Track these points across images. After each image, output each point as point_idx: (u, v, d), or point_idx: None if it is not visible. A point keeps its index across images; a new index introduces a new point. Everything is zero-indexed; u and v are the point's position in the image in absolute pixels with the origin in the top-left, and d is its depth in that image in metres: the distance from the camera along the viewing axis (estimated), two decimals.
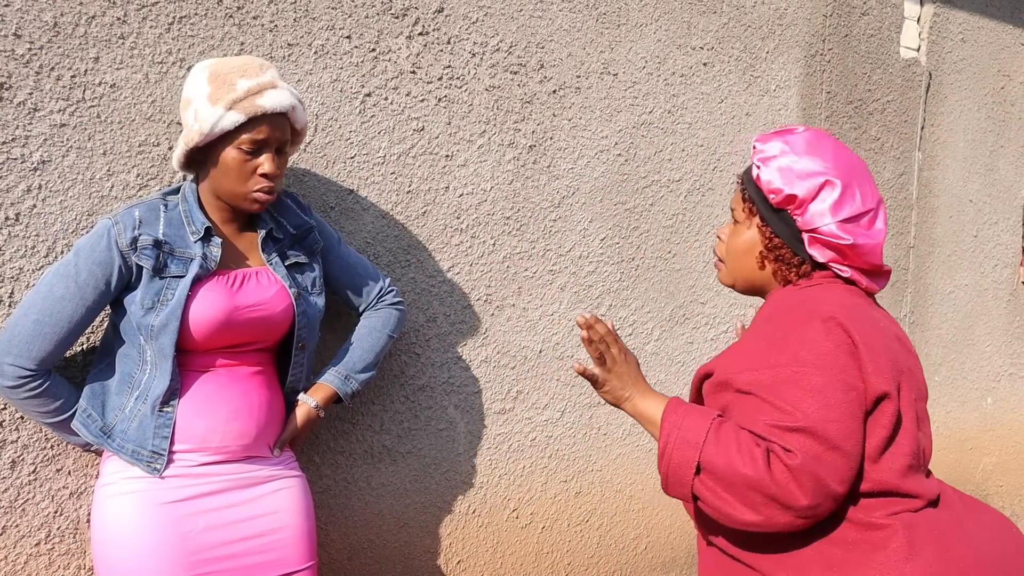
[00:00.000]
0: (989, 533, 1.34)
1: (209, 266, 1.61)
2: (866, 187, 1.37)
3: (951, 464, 3.42)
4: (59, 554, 1.78)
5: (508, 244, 2.31)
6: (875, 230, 1.36)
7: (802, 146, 1.37)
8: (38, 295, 1.55)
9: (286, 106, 1.59)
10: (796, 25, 2.78)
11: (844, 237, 1.34)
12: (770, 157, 1.38)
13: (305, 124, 1.68)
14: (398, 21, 2.09)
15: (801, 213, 1.36)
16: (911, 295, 3.19)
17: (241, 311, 1.62)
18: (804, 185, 1.35)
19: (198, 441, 1.60)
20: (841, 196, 1.33)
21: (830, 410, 1.23)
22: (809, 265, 1.41)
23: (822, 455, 1.21)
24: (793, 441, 1.22)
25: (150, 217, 1.59)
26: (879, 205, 1.38)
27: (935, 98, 3.17)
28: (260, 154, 1.59)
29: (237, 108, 1.54)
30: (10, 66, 1.67)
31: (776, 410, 1.25)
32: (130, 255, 1.56)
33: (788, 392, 1.25)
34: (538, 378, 2.40)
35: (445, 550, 2.29)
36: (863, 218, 1.35)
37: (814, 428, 1.22)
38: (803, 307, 1.33)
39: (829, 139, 1.40)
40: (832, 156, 1.36)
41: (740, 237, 1.46)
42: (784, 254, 1.41)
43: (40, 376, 1.56)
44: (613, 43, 2.43)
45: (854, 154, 1.42)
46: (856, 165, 1.38)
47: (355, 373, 1.87)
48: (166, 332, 1.55)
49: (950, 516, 1.32)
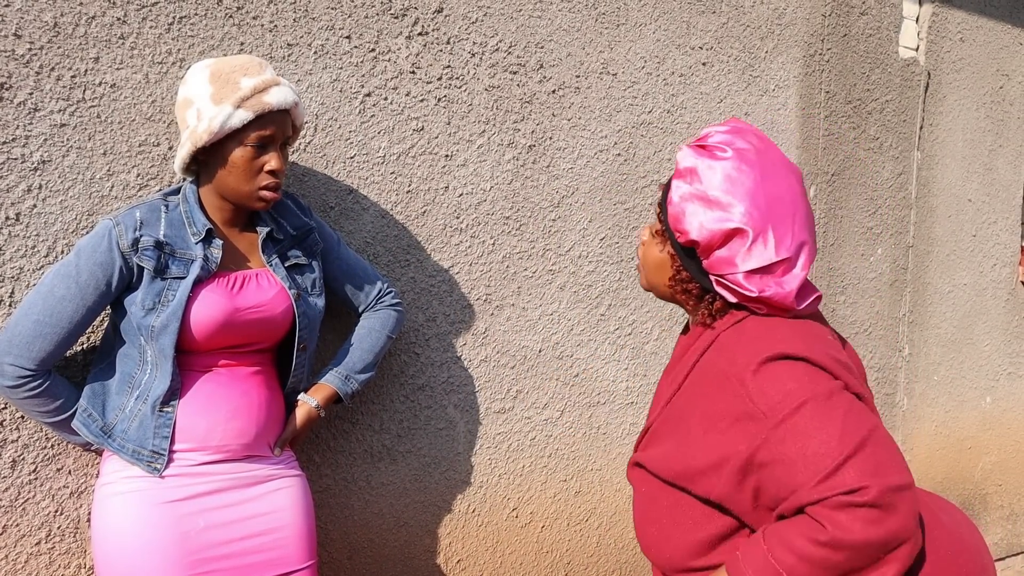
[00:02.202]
0: (959, 524, 1.32)
1: (210, 267, 1.61)
2: (785, 231, 1.23)
3: (950, 463, 3.43)
4: (59, 553, 1.78)
5: (508, 244, 2.31)
6: (789, 278, 1.24)
7: (720, 181, 1.23)
8: (39, 295, 1.55)
9: (290, 103, 1.61)
10: (795, 25, 2.79)
11: (750, 288, 1.23)
12: (684, 186, 1.26)
13: (304, 121, 1.70)
14: (398, 21, 2.09)
15: (706, 257, 1.26)
16: (910, 294, 3.19)
17: (241, 312, 1.62)
18: (710, 231, 1.23)
19: (198, 440, 1.60)
20: (751, 247, 1.21)
21: (846, 423, 1.14)
22: (722, 302, 1.30)
23: (880, 463, 1.12)
24: (850, 478, 1.11)
25: (151, 218, 1.60)
26: (800, 248, 1.25)
27: (934, 97, 3.17)
28: (266, 151, 1.60)
29: (245, 106, 1.55)
30: (10, 66, 1.67)
31: (807, 466, 1.14)
32: (131, 256, 1.56)
33: (800, 446, 1.14)
34: (537, 377, 2.41)
35: (445, 549, 2.30)
36: (775, 268, 1.23)
37: (854, 450, 1.12)
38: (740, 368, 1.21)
39: (754, 169, 1.24)
40: (751, 197, 1.22)
41: (652, 253, 1.37)
42: (692, 288, 1.32)
43: (40, 376, 1.57)
44: (612, 43, 2.43)
45: (785, 180, 1.26)
46: (780, 204, 1.24)
47: (355, 373, 1.87)
48: (167, 333, 1.56)
49: (922, 507, 1.30)
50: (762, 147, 1.27)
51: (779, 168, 1.26)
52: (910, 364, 3.23)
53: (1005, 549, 3.69)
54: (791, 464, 1.14)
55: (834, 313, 2.99)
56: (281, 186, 1.65)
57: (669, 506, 1.32)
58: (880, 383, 3.15)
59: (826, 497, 1.11)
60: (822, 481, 1.12)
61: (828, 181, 2.93)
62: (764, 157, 1.25)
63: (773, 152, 1.28)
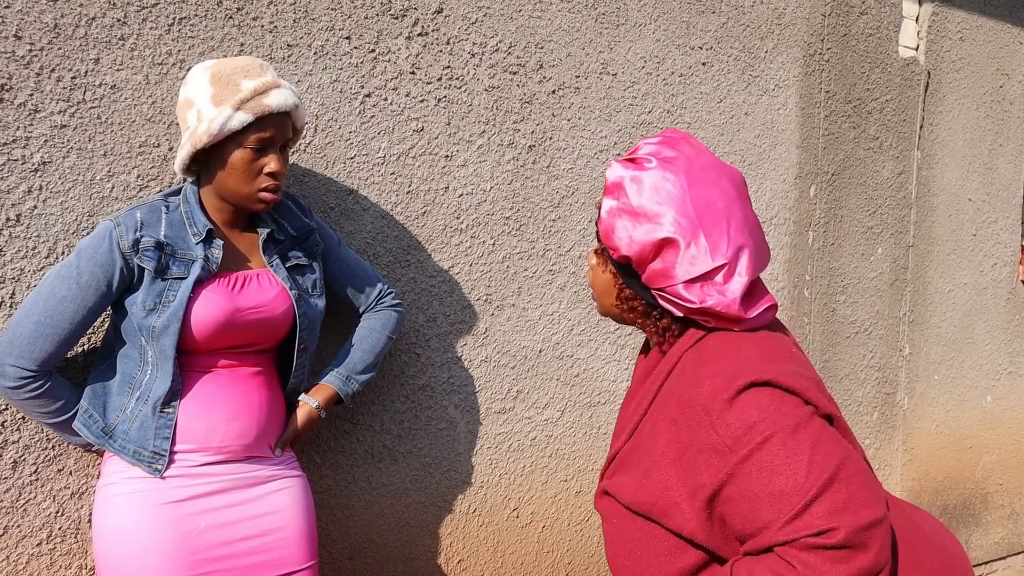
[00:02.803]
0: (943, 538, 1.30)
1: (211, 268, 1.61)
2: (719, 236, 1.19)
3: (951, 463, 3.43)
4: (60, 554, 1.78)
5: (508, 244, 2.31)
6: (731, 284, 1.20)
7: (646, 192, 1.20)
8: (40, 296, 1.55)
9: (290, 105, 1.60)
10: (795, 24, 2.79)
11: (691, 299, 1.20)
12: (611, 201, 1.23)
13: (304, 123, 1.70)
14: (397, 22, 2.10)
15: (641, 271, 1.23)
16: (910, 294, 3.19)
17: (242, 313, 1.62)
18: (640, 244, 1.20)
19: (199, 441, 1.60)
20: (683, 255, 1.18)
21: (813, 458, 1.10)
22: (668, 319, 1.27)
23: (849, 499, 1.08)
24: (818, 519, 1.07)
25: (152, 219, 1.60)
26: (738, 252, 1.20)
27: (934, 97, 3.17)
28: (266, 153, 1.60)
29: (245, 108, 1.55)
30: (11, 67, 1.67)
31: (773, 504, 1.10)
32: (132, 257, 1.57)
33: (766, 483, 1.10)
34: (538, 378, 2.41)
35: (446, 549, 2.30)
36: (715, 274, 1.19)
37: (822, 487, 1.08)
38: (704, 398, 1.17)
39: (680, 176, 1.21)
40: (678, 204, 1.18)
41: (599, 277, 1.33)
42: (637, 306, 1.28)
43: (41, 377, 1.57)
44: (612, 43, 2.43)
45: (715, 186, 1.22)
46: (709, 209, 1.20)
47: (355, 374, 1.87)
48: (167, 333, 1.56)
49: (905, 519, 1.27)
50: (692, 154, 1.24)
51: (709, 173, 1.23)
52: (911, 363, 3.23)
53: (1006, 548, 3.69)
54: (757, 502, 1.11)
55: (834, 313, 2.99)
56: (281, 188, 1.65)
57: (642, 539, 1.28)
58: (881, 382, 3.16)
59: (794, 539, 1.08)
60: (789, 522, 1.08)
61: (828, 181, 2.93)
62: (692, 164, 1.22)
63: (705, 158, 1.25)
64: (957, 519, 3.48)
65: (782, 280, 2.85)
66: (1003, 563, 3.69)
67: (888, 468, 3.23)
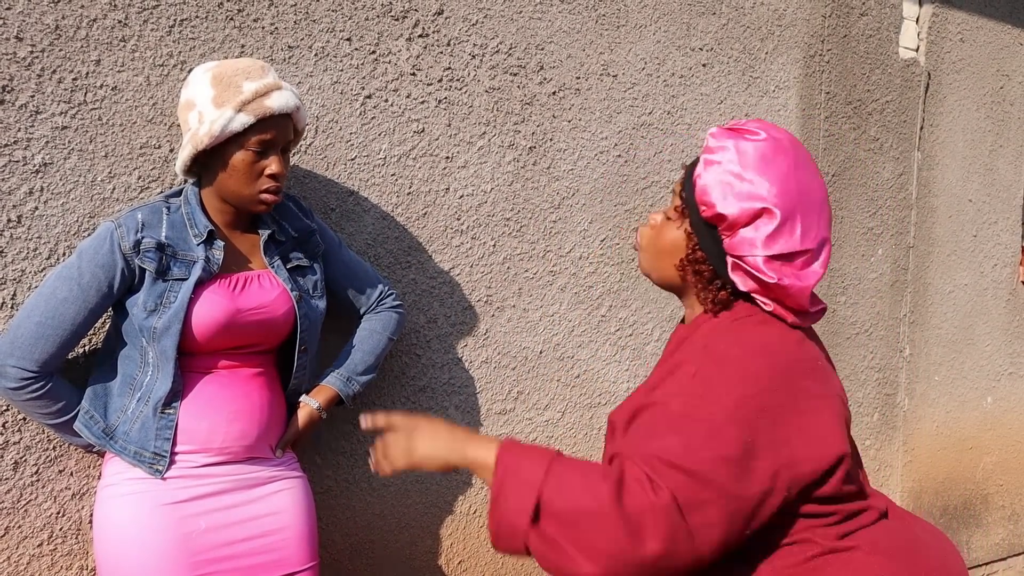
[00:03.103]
0: (938, 543, 1.29)
1: (212, 269, 1.61)
2: (812, 223, 1.20)
3: (951, 464, 3.43)
4: (61, 555, 1.79)
5: (508, 245, 2.32)
6: (808, 272, 1.20)
7: (753, 159, 1.20)
8: (41, 297, 1.55)
9: (291, 107, 1.60)
10: (795, 26, 2.79)
11: (769, 275, 1.19)
12: (715, 162, 1.22)
13: (306, 125, 1.70)
14: (398, 23, 2.10)
15: (730, 235, 1.21)
16: (910, 295, 3.19)
17: (243, 314, 1.63)
18: (739, 207, 1.19)
19: (200, 442, 1.61)
20: (777, 229, 1.18)
21: (729, 464, 1.08)
22: (727, 292, 1.26)
23: (701, 507, 1.06)
24: (671, 478, 1.07)
25: (153, 220, 1.60)
26: (822, 245, 1.22)
27: (934, 98, 3.18)
28: (267, 155, 1.60)
29: (246, 110, 1.55)
30: (12, 69, 1.67)
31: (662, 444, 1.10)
32: (133, 258, 1.57)
33: (693, 429, 1.11)
34: (539, 379, 2.41)
35: (446, 550, 2.30)
36: (797, 258, 1.20)
37: (700, 475, 1.07)
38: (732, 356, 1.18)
39: (790, 154, 1.22)
40: (782, 179, 1.19)
41: (666, 235, 1.31)
42: (704, 270, 1.26)
43: (43, 378, 1.57)
44: (613, 44, 2.43)
45: (816, 178, 1.24)
46: (810, 194, 1.21)
47: (356, 375, 1.88)
48: (168, 335, 1.56)
49: (903, 526, 1.27)
50: (795, 141, 1.26)
51: (811, 164, 1.25)
52: (911, 364, 3.23)
53: (1007, 549, 3.69)
54: (655, 431, 1.13)
55: (835, 314, 2.99)
56: (282, 189, 1.66)
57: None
58: (881, 383, 3.16)
59: (641, 467, 1.09)
60: (656, 458, 1.09)
61: (829, 182, 2.93)
62: (798, 151, 1.24)
63: (806, 152, 1.26)
64: (958, 520, 3.48)
65: None
66: (1004, 564, 3.69)
67: (888, 469, 3.23)
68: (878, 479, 3.20)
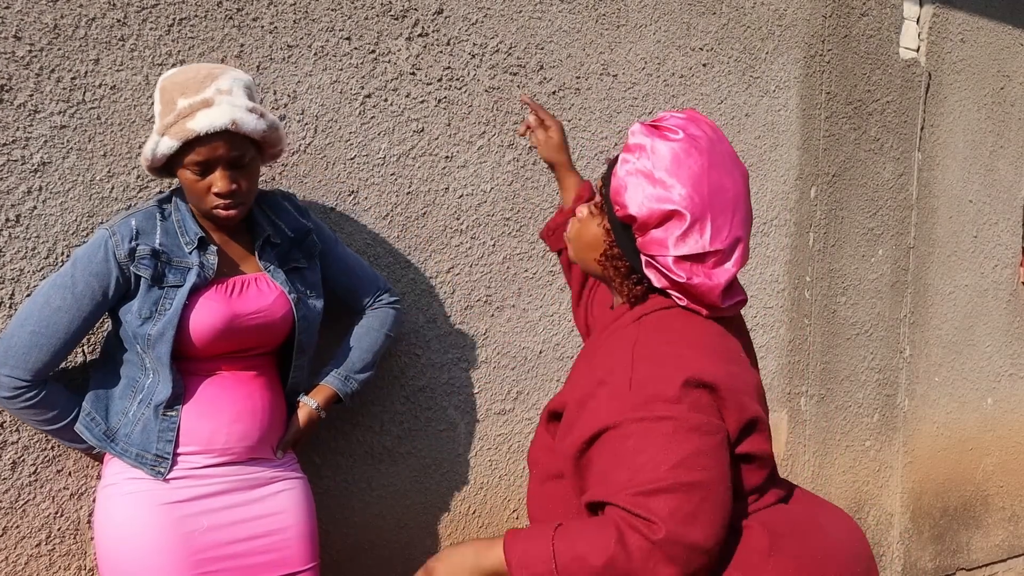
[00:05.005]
0: (838, 526, 1.33)
1: (207, 275, 1.60)
2: (723, 223, 1.22)
3: (952, 464, 3.42)
4: (59, 555, 1.78)
5: (508, 245, 2.31)
6: (720, 271, 1.23)
7: (666, 160, 1.21)
8: (35, 305, 1.54)
9: (220, 125, 1.49)
10: (796, 26, 2.79)
11: (679, 274, 1.22)
12: (630, 161, 1.24)
13: (265, 132, 1.56)
14: (398, 23, 2.10)
15: (642, 235, 1.24)
16: (911, 295, 3.19)
17: (241, 319, 1.62)
18: (649, 208, 1.21)
19: (202, 443, 1.60)
20: (687, 231, 1.20)
21: (690, 458, 1.12)
22: (644, 287, 1.29)
23: (693, 514, 1.11)
24: (657, 509, 1.10)
25: (147, 226, 1.58)
26: (735, 244, 1.24)
27: (935, 98, 3.17)
28: (209, 174, 1.54)
29: (169, 134, 1.49)
30: (10, 68, 1.67)
31: (632, 471, 1.13)
32: (128, 266, 1.55)
33: (638, 451, 1.14)
34: (538, 379, 2.40)
35: None
36: (708, 258, 1.22)
37: (679, 487, 1.11)
38: (643, 351, 1.22)
39: (704, 154, 1.23)
40: (694, 181, 1.21)
41: (588, 229, 1.34)
42: (621, 266, 1.30)
43: (36, 386, 1.56)
44: (612, 44, 2.43)
45: (730, 176, 1.25)
46: (722, 195, 1.23)
47: (354, 373, 1.87)
48: (163, 341, 1.55)
49: (802, 510, 1.31)
50: (715, 138, 1.26)
51: (727, 161, 1.26)
52: (911, 365, 3.23)
53: (1007, 551, 3.69)
54: (621, 460, 1.15)
55: (835, 314, 2.99)
56: (240, 203, 1.58)
57: (554, 495, 1.32)
58: (881, 384, 3.15)
59: (628, 510, 1.12)
60: (634, 494, 1.12)
61: (829, 182, 2.93)
62: (715, 148, 1.25)
63: (724, 145, 1.27)
64: (957, 521, 3.48)
65: (782, 281, 2.85)
66: (1004, 565, 3.68)
67: (888, 470, 3.23)
68: (878, 480, 3.20)
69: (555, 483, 1.32)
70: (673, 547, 1.10)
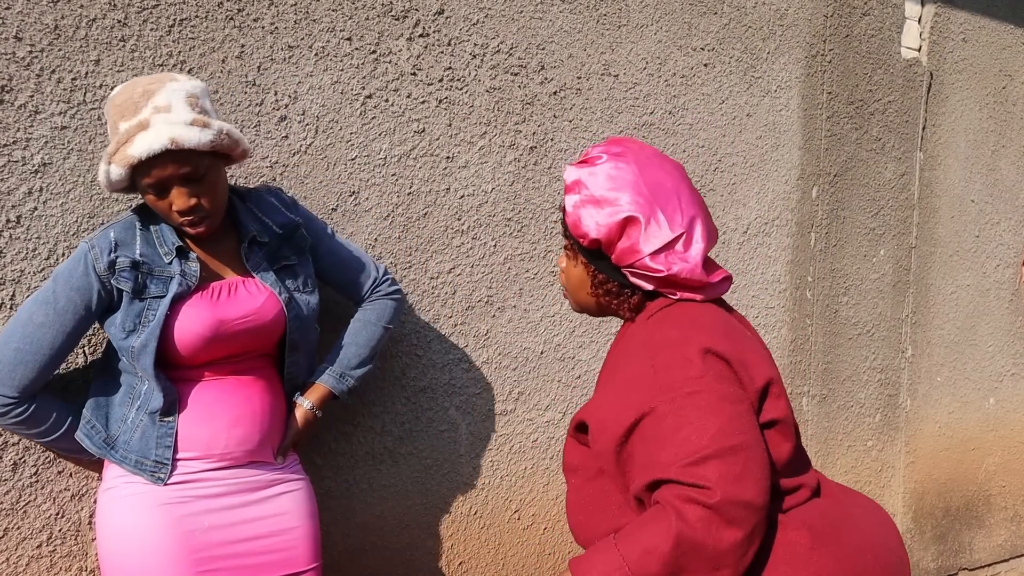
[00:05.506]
0: (870, 518, 1.39)
1: (189, 283, 1.57)
2: (673, 210, 1.33)
3: (954, 464, 3.42)
4: (60, 556, 1.78)
5: (509, 245, 2.31)
6: (691, 252, 1.33)
7: (601, 181, 1.34)
8: (18, 323, 1.53)
9: (158, 148, 1.43)
10: (797, 26, 2.78)
11: (659, 269, 1.32)
12: (573, 196, 1.36)
13: (214, 142, 1.49)
14: (398, 23, 2.09)
15: (611, 252, 1.35)
16: (913, 295, 3.18)
17: (228, 324, 1.59)
18: (606, 225, 1.33)
19: (202, 449, 1.60)
20: (646, 230, 1.31)
21: (727, 423, 1.21)
22: (639, 296, 1.39)
23: (741, 475, 1.18)
24: (709, 474, 1.18)
25: (126, 237, 1.56)
26: (692, 222, 1.34)
27: (936, 98, 3.17)
28: (166, 193, 1.50)
29: (115, 161, 1.46)
30: (11, 69, 1.67)
31: (677, 447, 1.21)
32: (108, 279, 1.54)
33: (678, 428, 1.22)
34: (540, 379, 2.40)
35: (447, 552, 2.29)
36: (675, 244, 1.33)
37: (723, 451, 1.19)
38: (655, 343, 1.31)
39: (631, 162, 1.35)
40: (633, 187, 1.32)
41: (572, 272, 1.46)
42: (611, 288, 1.40)
43: (24, 402, 1.55)
44: (614, 44, 2.43)
45: (662, 170, 1.36)
46: (662, 187, 1.34)
47: (350, 370, 1.83)
48: (145, 354, 1.53)
49: (835, 504, 1.37)
50: (636, 148, 1.38)
51: (654, 160, 1.37)
52: (913, 365, 3.22)
53: (1009, 550, 3.68)
54: (663, 441, 1.22)
55: (837, 314, 2.99)
56: (206, 217, 1.55)
57: (594, 493, 1.39)
58: (883, 384, 3.15)
59: (680, 481, 1.19)
60: (683, 466, 1.19)
61: (830, 182, 2.92)
62: (639, 154, 1.37)
63: (649, 150, 1.40)
64: (960, 521, 3.48)
65: (784, 281, 2.85)
66: (1007, 565, 3.68)
67: (891, 470, 3.22)
68: (880, 480, 3.20)
69: (596, 483, 1.39)
70: (730, 508, 1.17)
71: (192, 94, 1.51)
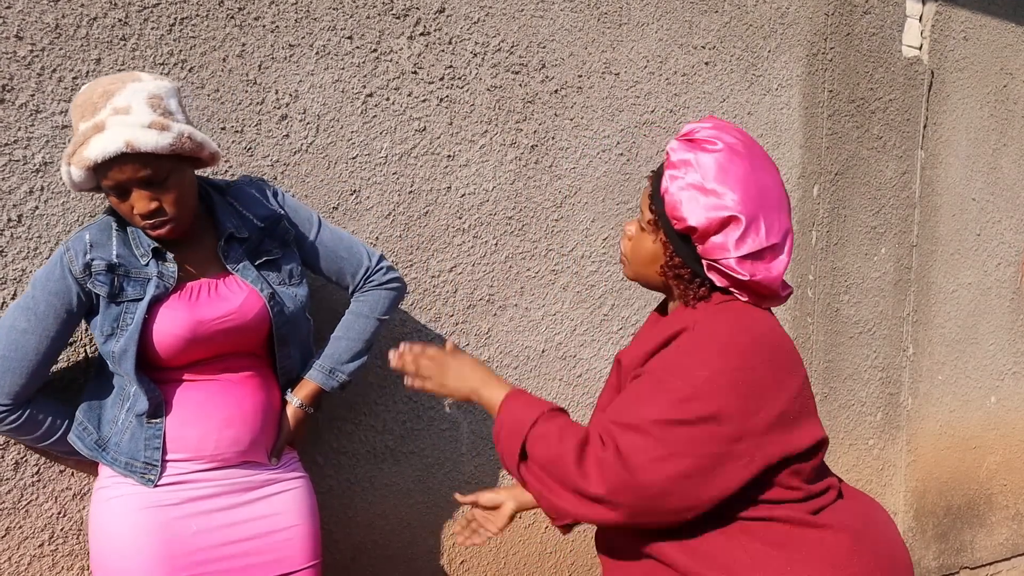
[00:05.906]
0: (886, 521, 1.41)
1: (167, 284, 1.54)
2: (774, 219, 1.32)
3: (955, 463, 3.42)
4: (62, 555, 1.78)
5: (510, 244, 2.31)
6: (776, 263, 1.33)
7: (712, 171, 1.30)
8: (2, 330, 1.52)
9: (112, 151, 1.39)
10: (798, 24, 2.78)
11: (742, 273, 1.31)
12: (679, 176, 1.32)
13: (173, 145, 1.45)
14: (399, 21, 2.09)
15: (702, 243, 1.32)
16: (914, 294, 3.18)
17: (206, 324, 1.56)
18: (707, 217, 1.29)
19: (191, 450, 1.58)
20: (744, 233, 1.29)
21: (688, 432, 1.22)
22: (707, 288, 1.38)
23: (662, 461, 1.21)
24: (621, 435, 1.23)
25: (101, 238, 1.54)
26: (786, 236, 1.34)
27: (937, 96, 3.17)
28: (127, 196, 1.47)
29: (73, 162, 1.43)
30: (12, 68, 1.67)
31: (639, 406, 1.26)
32: (85, 281, 1.52)
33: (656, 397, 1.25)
34: (541, 378, 2.40)
35: (448, 550, 2.29)
36: (765, 253, 1.31)
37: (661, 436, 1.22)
38: (699, 330, 1.31)
39: (745, 159, 1.32)
40: (743, 186, 1.29)
41: (643, 246, 1.42)
42: (683, 274, 1.38)
43: (17, 409, 1.55)
44: (615, 42, 2.42)
45: (771, 175, 1.35)
46: (769, 193, 1.32)
47: (341, 364, 1.78)
48: (126, 358, 1.52)
49: (857, 505, 1.39)
50: (748, 142, 1.35)
51: (764, 161, 1.35)
52: (914, 363, 3.22)
53: (1010, 549, 3.68)
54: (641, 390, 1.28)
55: (838, 313, 2.99)
56: (171, 220, 1.51)
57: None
58: (884, 383, 3.15)
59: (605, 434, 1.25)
60: (623, 424, 1.25)
61: (831, 180, 2.92)
62: (751, 151, 1.34)
63: (757, 147, 1.37)
64: (961, 520, 3.47)
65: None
66: (1008, 564, 3.67)
67: (892, 468, 3.22)
68: (882, 478, 3.19)
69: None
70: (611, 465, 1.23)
71: (155, 95, 1.46)
